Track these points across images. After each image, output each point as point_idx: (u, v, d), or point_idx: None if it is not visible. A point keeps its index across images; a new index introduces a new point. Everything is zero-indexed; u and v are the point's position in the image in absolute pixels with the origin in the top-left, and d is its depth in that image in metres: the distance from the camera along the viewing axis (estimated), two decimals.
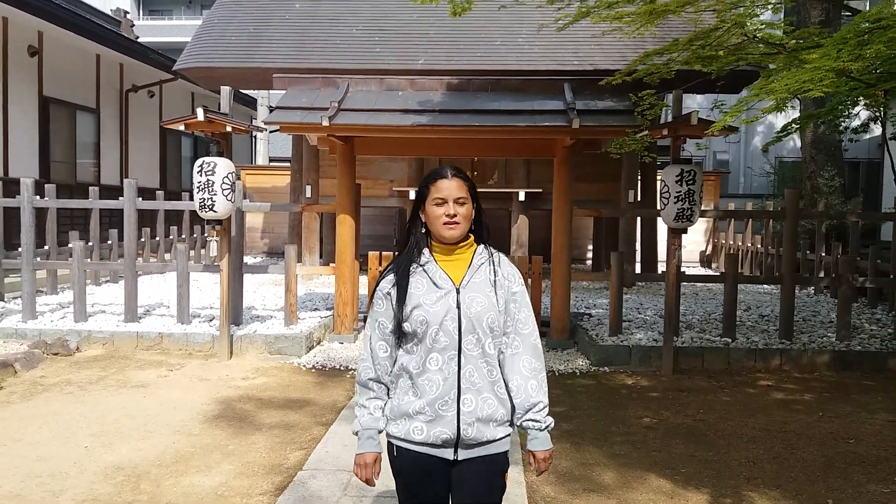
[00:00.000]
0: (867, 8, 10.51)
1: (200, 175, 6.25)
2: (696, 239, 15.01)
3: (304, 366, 6.53)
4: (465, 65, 9.28)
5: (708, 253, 15.20)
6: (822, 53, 3.65)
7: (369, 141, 7.24)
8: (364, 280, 7.92)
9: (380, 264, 7.57)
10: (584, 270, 13.71)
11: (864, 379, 6.31)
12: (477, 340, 2.05)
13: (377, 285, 2.16)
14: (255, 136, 20.58)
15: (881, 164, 14.18)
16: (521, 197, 11.38)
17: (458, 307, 2.05)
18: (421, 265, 2.11)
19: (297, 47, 9.84)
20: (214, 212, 6.32)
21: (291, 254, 7.32)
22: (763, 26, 5.56)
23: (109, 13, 19.32)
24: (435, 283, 2.08)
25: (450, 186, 2.08)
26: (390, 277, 2.12)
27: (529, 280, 7.46)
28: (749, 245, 13.06)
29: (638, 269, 11.70)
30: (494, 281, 2.11)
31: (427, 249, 2.14)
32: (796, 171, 15.49)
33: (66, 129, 12.39)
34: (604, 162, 10.25)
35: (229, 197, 6.36)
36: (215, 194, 6.26)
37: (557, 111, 6.67)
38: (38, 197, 7.95)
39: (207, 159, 6.29)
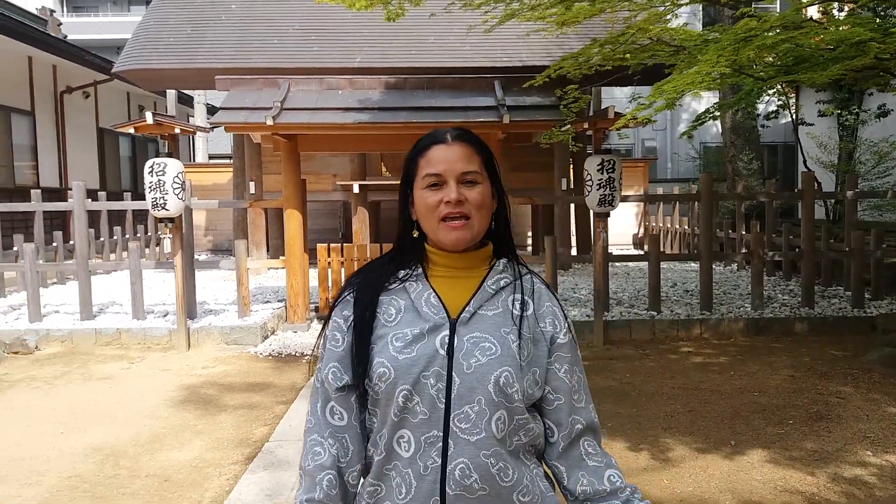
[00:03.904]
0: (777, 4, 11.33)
1: (152, 175, 6.50)
2: (629, 223, 15.80)
3: (261, 354, 6.86)
4: (401, 62, 9.69)
5: (640, 235, 16.00)
6: (706, 59, 4.23)
7: (312, 138, 7.58)
8: (314, 272, 8.28)
9: (328, 256, 7.94)
10: (523, 255, 14.33)
11: (773, 342, 7.02)
12: (478, 415, 1.25)
13: (331, 309, 1.39)
14: (194, 134, 20.53)
15: (796, 147, 15.18)
16: None
17: (450, 355, 1.27)
18: (401, 280, 1.35)
19: (237, 48, 10.07)
20: (167, 210, 6.59)
21: (241, 249, 7.62)
22: (663, 31, 6.14)
23: (35, 12, 18.98)
24: (417, 312, 1.31)
25: (449, 156, 1.31)
26: (350, 299, 1.37)
27: None
28: (677, 226, 13.89)
29: (574, 252, 12.36)
30: (521, 318, 1.32)
31: (418, 263, 1.37)
32: (719, 156, 16.45)
33: (1, 132, 12.28)
34: (539, 152, 10.81)
35: (180, 195, 6.63)
36: (167, 193, 6.53)
37: (489, 107, 7.16)
38: None
39: (158, 160, 6.54)
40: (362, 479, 1.37)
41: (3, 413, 5.07)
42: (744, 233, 11.26)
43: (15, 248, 9.61)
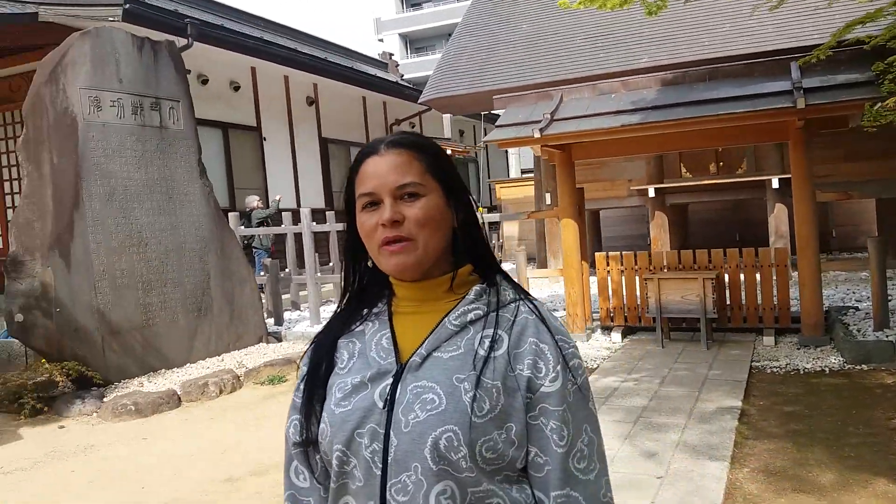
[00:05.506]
0: None
1: None
2: None
3: None
4: (691, 56, 9.00)
5: None
6: None
7: (586, 146, 7.42)
8: (594, 280, 8.08)
9: (607, 265, 7.67)
10: (841, 259, 12.34)
11: None
12: (416, 486, 1.00)
13: (303, 356, 1.21)
14: (507, 151, 21.61)
15: None
16: (775, 184, 10.60)
17: (389, 410, 1.04)
18: (365, 318, 1.15)
19: (519, 67, 10.36)
20: None
21: (521, 260, 7.78)
22: None
23: (377, 57, 21.68)
24: (366, 357, 1.10)
25: (381, 168, 1.08)
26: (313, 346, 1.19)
27: (773, 272, 7.06)
28: None
29: None
30: (486, 359, 1.04)
31: (385, 297, 1.16)
32: None
33: (342, 163, 14.32)
34: (881, 137, 9.13)
35: None
36: None
37: (781, 92, 6.28)
38: (314, 223, 9.43)
39: None
40: None
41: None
42: None
43: (331, 263, 11.04)
